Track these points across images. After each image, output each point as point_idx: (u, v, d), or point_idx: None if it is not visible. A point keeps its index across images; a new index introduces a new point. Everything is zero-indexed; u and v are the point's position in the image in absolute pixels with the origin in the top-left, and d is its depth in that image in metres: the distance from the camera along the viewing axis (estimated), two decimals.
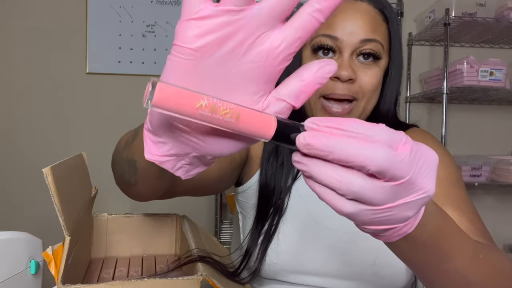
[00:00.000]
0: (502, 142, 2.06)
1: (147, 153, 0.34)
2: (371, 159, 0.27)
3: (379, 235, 0.34)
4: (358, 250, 0.67)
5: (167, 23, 1.99)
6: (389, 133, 0.29)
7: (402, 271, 0.67)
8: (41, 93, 1.97)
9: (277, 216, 0.69)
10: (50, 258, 0.46)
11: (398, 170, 0.28)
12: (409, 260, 0.40)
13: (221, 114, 0.28)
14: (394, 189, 0.29)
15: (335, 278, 0.68)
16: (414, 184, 0.29)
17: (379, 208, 0.29)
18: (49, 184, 0.44)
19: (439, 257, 0.39)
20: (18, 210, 1.97)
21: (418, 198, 0.30)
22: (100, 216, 0.67)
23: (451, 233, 0.39)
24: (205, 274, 0.44)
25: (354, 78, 0.64)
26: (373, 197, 0.29)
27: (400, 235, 0.33)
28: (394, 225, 0.31)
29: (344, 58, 0.64)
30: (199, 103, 0.27)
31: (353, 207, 0.29)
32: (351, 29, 0.64)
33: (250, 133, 0.29)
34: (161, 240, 0.69)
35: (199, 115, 0.27)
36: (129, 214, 0.68)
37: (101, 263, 0.65)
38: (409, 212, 0.31)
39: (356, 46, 0.64)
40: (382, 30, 0.67)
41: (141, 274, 0.60)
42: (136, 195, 0.57)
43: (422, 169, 0.29)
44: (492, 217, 2.05)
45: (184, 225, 0.62)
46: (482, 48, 2.05)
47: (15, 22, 1.96)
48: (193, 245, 0.53)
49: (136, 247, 0.69)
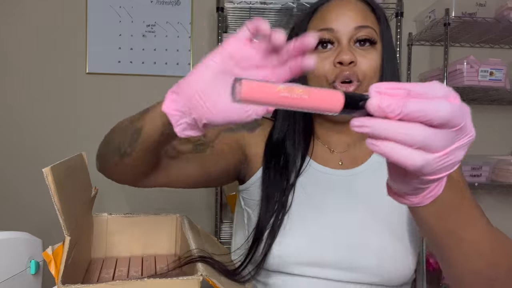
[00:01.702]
0: (502, 142, 2.06)
1: (164, 106, 0.49)
2: (436, 113, 0.32)
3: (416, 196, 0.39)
4: (363, 243, 0.70)
5: (167, 23, 1.99)
6: (443, 89, 0.33)
7: (405, 264, 0.69)
8: (41, 93, 1.97)
9: (282, 212, 0.72)
10: (50, 258, 0.45)
11: (456, 118, 0.33)
12: (431, 228, 0.45)
13: (297, 93, 0.33)
14: (452, 134, 0.34)
15: (340, 269, 0.69)
16: (465, 128, 0.35)
17: (442, 153, 0.34)
18: (49, 184, 0.44)
19: (459, 224, 0.45)
20: (18, 210, 1.97)
21: (468, 140, 0.36)
22: (100, 216, 0.67)
23: (470, 203, 0.46)
24: (205, 274, 0.44)
25: (355, 61, 0.69)
26: (437, 143, 0.33)
27: (432, 196, 0.40)
28: (451, 170, 0.36)
29: (343, 45, 0.71)
30: (278, 88, 0.32)
31: (420, 157, 0.33)
32: (345, 20, 0.71)
33: (323, 107, 0.33)
34: (161, 240, 0.69)
35: (281, 98, 0.33)
36: (129, 214, 0.68)
37: (101, 263, 0.65)
38: (461, 153, 0.36)
39: (351, 33, 0.71)
40: (372, 19, 0.74)
41: (141, 274, 0.60)
42: (124, 168, 0.63)
43: (468, 117, 0.35)
44: (492, 217, 2.04)
45: (184, 225, 0.62)
46: (482, 48, 2.05)
47: (15, 22, 1.96)
48: (193, 245, 0.53)
49: (136, 247, 0.69)
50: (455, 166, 0.36)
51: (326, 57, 0.72)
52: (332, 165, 0.78)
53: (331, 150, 0.80)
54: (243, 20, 1.91)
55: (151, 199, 1.99)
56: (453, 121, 0.33)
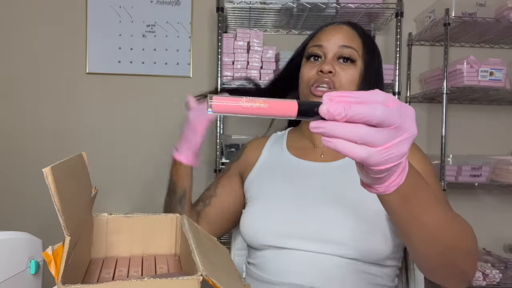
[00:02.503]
0: (502, 142, 2.06)
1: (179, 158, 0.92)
2: (372, 115, 0.39)
3: (381, 185, 0.47)
4: (338, 216, 0.80)
5: (167, 23, 1.99)
6: (382, 96, 0.41)
7: (379, 239, 0.78)
8: (41, 93, 1.98)
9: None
10: (50, 258, 0.45)
11: (390, 119, 0.40)
12: (397, 214, 0.53)
13: (258, 104, 0.41)
14: (390, 132, 0.41)
15: (318, 241, 0.79)
16: (402, 127, 0.41)
17: (382, 147, 0.41)
18: (49, 184, 0.44)
19: (420, 209, 0.53)
20: (18, 210, 1.97)
21: (407, 137, 0.42)
22: (100, 216, 0.67)
23: (429, 192, 0.53)
24: (205, 274, 0.44)
25: (334, 72, 0.86)
26: (376, 139, 0.40)
27: (395, 185, 0.47)
28: (397, 161, 0.43)
29: (327, 59, 0.89)
30: (241, 100, 0.41)
31: (364, 151, 0.40)
32: (333, 39, 0.89)
33: (281, 114, 0.42)
34: (161, 240, 0.69)
35: (244, 108, 0.41)
36: (129, 214, 0.68)
37: (101, 263, 0.65)
38: (404, 148, 0.42)
39: (336, 50, 0.88)
40: (357, 43, 0.90)
41: (141, 274, 0.60)
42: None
43: (407, 118, 0.42)
44: (492, 217, 2.06)
45: (184, 225, 0.62)
46: (482, 48, 2.05)
47: (15, 22, 1.96)
48: (193, 245, 0.53)
49: (136, 247, 0.69)
50: (400, 158, 0.43)
51: (314, 67, 0.89)
52: (312, 158, 0.92)
53: (314, 145, 0.95)
54: (243, 20, 1.91)
55: (151, 199, 1.99)
56: (387, 121, 0.40)
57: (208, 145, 1.91)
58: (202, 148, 0.93)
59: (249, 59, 1.74)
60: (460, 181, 1.76)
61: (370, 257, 0.79)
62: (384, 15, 1.80)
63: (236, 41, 1.74)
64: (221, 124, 1.76)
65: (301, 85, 0.92)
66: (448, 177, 1.74)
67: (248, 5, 1.70)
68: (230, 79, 1.73)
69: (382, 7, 1.72)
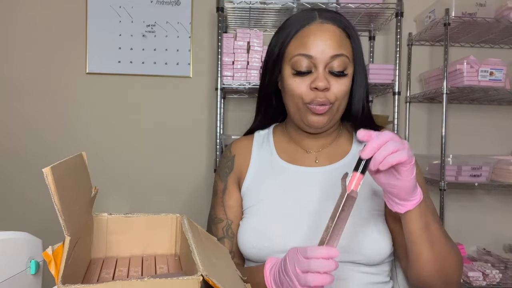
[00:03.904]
0: (502, 142, 2.06)
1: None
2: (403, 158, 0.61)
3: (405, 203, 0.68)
4: None
5: (167, 23, 1.99)
6: (401, 143, 0.63)
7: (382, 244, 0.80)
8: (41, 93, 1.98)
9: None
10: (50, 258, 0.45)
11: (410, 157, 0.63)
12: (408, 228, 0.71)
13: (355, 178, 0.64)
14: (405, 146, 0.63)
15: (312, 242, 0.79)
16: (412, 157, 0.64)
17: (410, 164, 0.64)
18: (49, 184, 0.44)
19: (425, 225, 0.70)
20: (18, 210, 1.97)
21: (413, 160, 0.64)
22: (100, 216, 0.67)
23: (432, 211, 0.72)
24: (205, 274, 0.44)
25: (329, 87, 0.81)
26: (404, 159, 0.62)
27: (414, 204, 0.68)
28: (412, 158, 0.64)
29: (319, 72, 0.81)
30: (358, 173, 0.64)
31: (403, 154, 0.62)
32: (322, 47, 0.81)
33: None
34: (161, 240, 0.69)
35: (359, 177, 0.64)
36: (129, 214, 0.68)
37: (101, 263, 0.65)
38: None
39: (327, 61, 0.81)
40: (346, 45, 0.84)
41: (141, 274, 0.60)
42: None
43: (405, 144, 0.64)
44: (492, 217, 2.06)
45: (184, 225, 0.62)
46: (482, 48, 2.05)
47: (15, 22, 1.96)
48: (193, 245, 0.53)
49: (136, 247, 0.69)
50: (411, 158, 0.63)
51: (304, 81, 0.82)
52: (307, 163, 0.90)
53: (307, 151, 0.92)
54: (243, 20, 1.91)
55: (151, 199, 1.99)
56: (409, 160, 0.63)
57: (208, 145, 1.92)
58: (202, 148, 0.86)
59: (249, 59, 1.74)
60: (460, 181, 1.76)
61: (375, 261, 0.82)
62: (384, 15, 1.80)
63: (236, 41, 1.74)
64: (221, 124, 1.76)
65: (292, 99, 0.84)
66: (448, 177, 1.74)
67: (248, 5, 1.70)
68: (230, 79, 1.74)
69: (382, 7, 1.72)
